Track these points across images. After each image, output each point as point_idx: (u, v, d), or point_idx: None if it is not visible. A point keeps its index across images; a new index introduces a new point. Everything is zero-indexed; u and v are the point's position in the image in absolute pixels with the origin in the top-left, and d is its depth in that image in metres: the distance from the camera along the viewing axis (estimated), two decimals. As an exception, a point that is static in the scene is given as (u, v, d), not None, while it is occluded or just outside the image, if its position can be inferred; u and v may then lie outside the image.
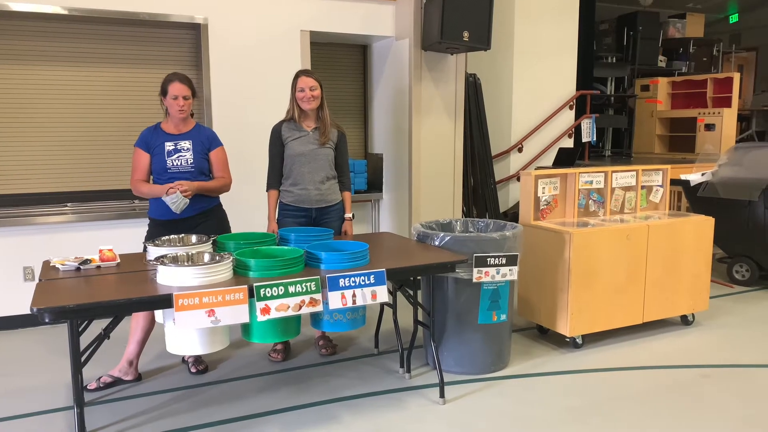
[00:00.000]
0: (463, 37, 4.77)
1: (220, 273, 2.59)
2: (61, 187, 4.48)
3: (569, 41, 6.84)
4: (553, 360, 3.63)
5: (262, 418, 2.93)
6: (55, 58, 4.37)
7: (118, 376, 3.31)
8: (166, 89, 3.26)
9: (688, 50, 9.79)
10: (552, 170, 4.12)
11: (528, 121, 6.74)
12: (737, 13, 11.26)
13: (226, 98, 4.64)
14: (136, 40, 4.56)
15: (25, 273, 4.27)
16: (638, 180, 4.27)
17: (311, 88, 3.45)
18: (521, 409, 3.01)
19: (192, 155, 3.33)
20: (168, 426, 2.86)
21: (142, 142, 3.33)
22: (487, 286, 3.31)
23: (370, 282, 2.73)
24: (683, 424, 2.86)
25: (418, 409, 3.01)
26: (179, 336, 2.68)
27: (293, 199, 3.56)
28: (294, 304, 2.57)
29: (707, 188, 5.26)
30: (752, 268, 5.20)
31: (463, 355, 3.41)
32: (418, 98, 5.06)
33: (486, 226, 3.74)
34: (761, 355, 3.71)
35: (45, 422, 2.92)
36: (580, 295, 3.66)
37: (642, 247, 3.86)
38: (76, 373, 2.41)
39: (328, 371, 3.48)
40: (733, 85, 8.58)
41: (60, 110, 4.43)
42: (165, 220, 3.32)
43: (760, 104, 10.78)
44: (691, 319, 4.26)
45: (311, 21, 4.85)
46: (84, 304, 2.31)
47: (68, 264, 2.84)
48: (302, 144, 3.52)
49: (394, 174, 5.38)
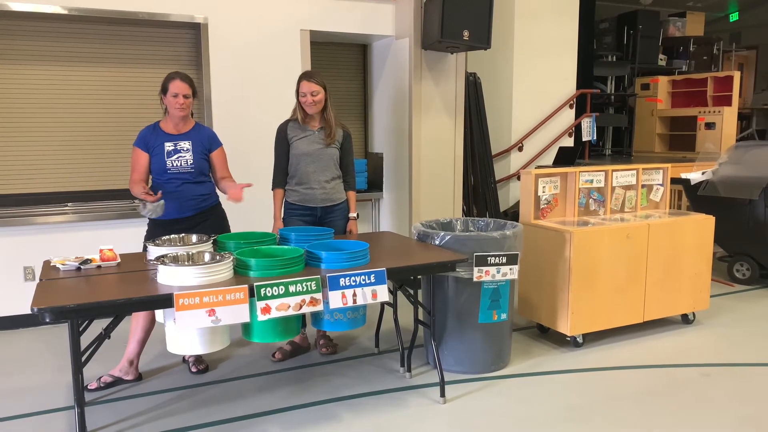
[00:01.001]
0: (463, 36, 4.77)
1: (221, 272, 2.59)
2: (62, 187, 4.48)
3: (569, 40, 6.84)
4: (554, 359, 3.63)
5: (263, 418, 2.93)
6: (56, 58, 4.37)
7: (118, 375, 3.31)
8: (167, 87, 3.25)
9: (689, 49, 9.79)
10: (552, 169, 4.11)
11: (528, 120, 6.73)
12: (737, 11, 11.25)
13: (226, 98, 4.64)
14: (135, 39, 4.56)
15: (26, 273, 4.27)
16: (638, 179, 4.26)
17: (313, 93, 3.44)
18: (521, 409, 3.01)
19: (192, 156, 3.32)
20: (168, 425, 2.86)
21: (141, 142, 3.32)
22: (488, 285, 3.30)
23: (371, 281, 2.73)
24: (684, 423, 2.86)
25: (418, 408, 3.01)
26: (180, 336, 2.68)
27: (298, 198, 3.57)
28: (294, 303, 2.57)
29: (708, 187, 5.26)
30: (753, 267, 5.20)
31: (463, 354, 3.41)
32: (419, 97, 5.06)
33: (486, 225, 3.74)
34: (762, 354, 3.71)
35: (46, 422, 2.92)
36: (581, 294, 3.66)
37: (642, 246, 3.86)
38: (77, 373, 2.41)
39: (328, 370, 3.48)
40: (733, 84, 8.57)
41: (60, 110, 4.43)
42: (165, 220, 3.32)
43: (761, 103, 10.77)
44: (692, 318, 4.26)
45: (311, 20, 4.85)
46: (84, 303, 2.31)
47: (69, 264, 2.84)
48: (308, 143, 3.53)
49: (395, 173, 5.38)
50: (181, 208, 3.32)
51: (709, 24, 10.70)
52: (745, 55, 11.59)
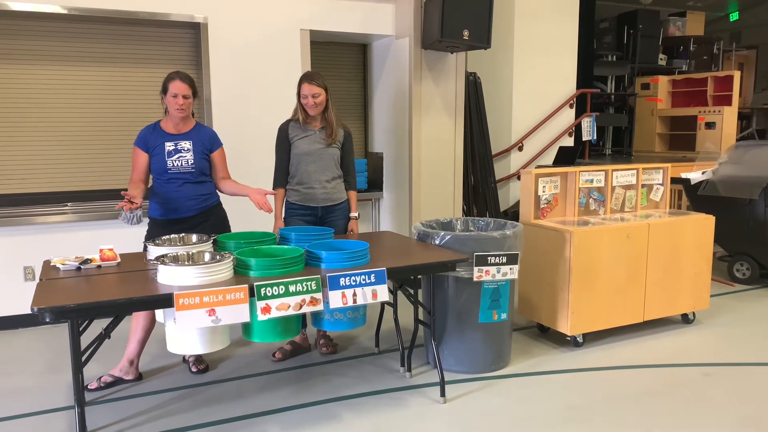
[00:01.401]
0: (463, 36, 4.77)
1: (221, 272, 2.59)
2: (61, 187, 4.48)
3: (569, 40, 6.83)
4: (554, 359, 3.63)
5: (263, 418, 2.93)
6: (55, 57, 4.37)
7: (118, 375, 3.31)
8: (167, 87, 3.24)
9: (689, 48, 9.79)
10: (552, 169, 4.11)
11: (528, 119, 6.73)
12: (737, 11, 11.25)
13: (226, 97, 4.64)
14: (135, 39, 4.56)
15: (26, 273, 4.27)
16: (639, 178, 4.26)
17: (314, 95, 3.44)
18: (522, 408, 3.01)
19: (192, 156, 3.32)
20: (169, 425, 2.86)
21: (141, 142, 3.31)
22: (488, 285, 3.30)
23: (371, 281, 2.73)
24: (684, 423, 2.86)
25: (418, 408, 3.01)
26: (180, 335, 2.68)
27: (299, 198, 3.57)
28: (294, 303, 2.57)
29: (708, 187, 5.26)
30: (753, 267, 5.20)
31: (463, 354, 3.41)
32: (419, 97, 5.06)
33: (486, 224, 3.74)
34: (762, 353, 3.70)
35: (46, 422, 2.92)
36: (581, 294, 3.66)
37: (642, 246, 3.85)
38: (77, 373, 2.41)
39: (328, 370, 3.48)
40: (733, 84, 8.57)
41: (60, 109, 4.43)
42: (165, 220, 3.31)
43: (761, 102, 10.77)
44: (692, 318, 4.26)
45: (311, 20, 4.85)
46: (84, 303, 2.30)
47: (69, 264, 2.84)
48: (309, 143, 3.53)
49: (395, 173, 5.38)
50: (182, 209, 3.32)
51: (709, 23, 10.69)
52: (745, 55, 11.59)
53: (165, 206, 3.29)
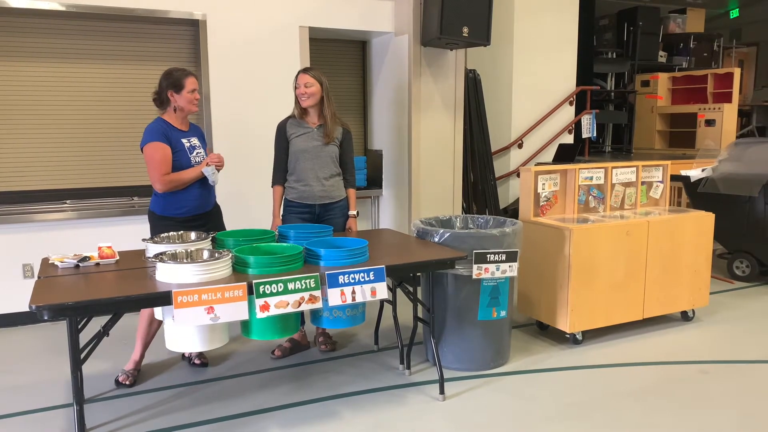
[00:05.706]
0: (462, 33, 4.76)
1: (220, 270, 2.59)
2: (60, 184, 4.47)
3: (569, 36, 6.82)
4: (553, 356, 3.63)
5: (262, 415, 2.93)
6: (54, 54, 4.36)
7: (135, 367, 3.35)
8: (183, 84, 3.21)
9: (689, 45, 9.76)
10: (552, 166, 4.11)
11: (528, 117, 6.72)
12: (738, 8, 11.23)
13: (225, 94, 4.63)
14: (134, 36, 4.54)
15: (24, 270, 4.27)
16: (638, 176, 4.26)
17: (306, 84, 3.44)
18: (521, 405, 3.01)
19: (204, 152, 3.39)
20: (168, 423, 2.86)
21: (161, 136, 3.18)
22: (487, 283, 3.30)
23: (370, 279, 2.72)
24: (683, 420, 2.86)
25: (418, 405, 3.01)
26: (178, 333, 2.67)
27: (297, 196, 3.56)
28: (293, 301, 2.57)
29: (707, 184, 5.25)
30: (752, 264, 5.19)
31: (462, 352, 3.40)
32: (418, 94, 5.05)
33: (486, 222, 3.73)
34: (761, 350, 3.71)
35: (45, 419, 2.92)
36: (580, 292, 3.66)
37: (642, 243, 3.85)
38: (76, 371, 2.41)
39: (328, 368, 3.48)
40: (733, 81, 8.55)
41: (59, 107, 4.42)
42: (186, 217, 3.30)
43: (761, 100, 10.75)
44: (692, 315, 4.26)
45: (310, 17, 4.83)
46: (83, 301, 2.30)
47: (67, 261, 2.83)
48: (306, 140, 3.52)
49: (394, 170, 5.37)
50: (206, 203, 3.38)
51: (709, 20, 10.67)
52: (746, 52, 11.56)
53: (191, 203, 3.28)
